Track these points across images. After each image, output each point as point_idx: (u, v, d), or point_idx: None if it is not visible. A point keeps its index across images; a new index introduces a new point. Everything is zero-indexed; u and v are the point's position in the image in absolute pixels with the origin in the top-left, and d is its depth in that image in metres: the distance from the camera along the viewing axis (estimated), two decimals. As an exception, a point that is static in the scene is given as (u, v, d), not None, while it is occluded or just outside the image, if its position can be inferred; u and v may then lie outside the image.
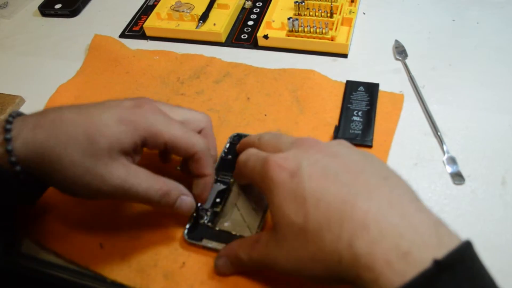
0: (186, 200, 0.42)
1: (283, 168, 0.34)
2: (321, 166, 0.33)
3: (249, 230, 0.44)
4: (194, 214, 0.45)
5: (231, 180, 0.48)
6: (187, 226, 0.44)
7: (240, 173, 0.42)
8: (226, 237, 0.43)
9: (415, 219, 0.29)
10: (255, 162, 0.38)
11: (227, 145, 0.52)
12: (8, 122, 0.37)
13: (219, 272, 0.41)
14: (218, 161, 0.50)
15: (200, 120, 0.45)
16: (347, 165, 0.34)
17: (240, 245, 0.39)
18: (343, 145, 0.37)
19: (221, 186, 0.47)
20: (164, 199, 0.40)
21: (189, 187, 0.43)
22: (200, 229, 0.44)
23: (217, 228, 0.44)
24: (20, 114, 0.39)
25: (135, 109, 0.39)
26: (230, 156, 0.51)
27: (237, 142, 0.51)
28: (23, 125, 0.37)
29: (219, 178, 0.48)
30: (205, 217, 0.45)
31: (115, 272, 0.43)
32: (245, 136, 0.51)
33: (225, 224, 0.45)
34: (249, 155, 0.40)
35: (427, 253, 0.27)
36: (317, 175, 0.33)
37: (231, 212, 0.46)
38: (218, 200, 0.46)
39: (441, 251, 0.27)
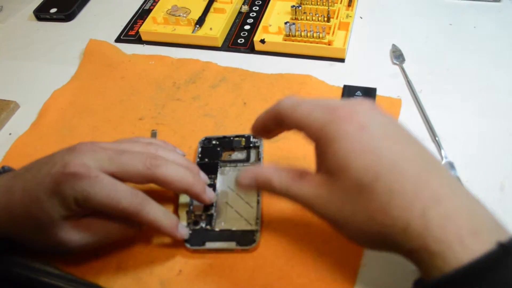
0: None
1: (352, 120, 0.32)
2: (391, 129, 0.32)
3: (249, 224, 0.44)
4: (192, 219, 0.45)
5: (213, 176, 0.49)
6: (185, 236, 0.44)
7: (278, 119, 0.37)
8: (227, 235, 0.44)
9: (476, 203, 0.30)
10: (313, 108, 0.34)
11: (200, 150, 0.52)
12: None
13: (240, 186, 0.39)
14: None
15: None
16: (410, 137, 0.33)
17: (277, 172, 0.36)
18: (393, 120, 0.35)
19: None
20: (128, 231, 0.41)
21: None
22: (200, 234, 0.44)
23: (216, 229, 0.44)
24: None
25: (62, 178, 0.37)
26: (206, 160, 0.51)
27: (208, 146, 0.52)
28: None
29: None
30: (201, 222, 0.45)
31: (111, 281, 0.42)
32: (215, 138, 0.53)
33: (223, 224, 0.45)
34: (299, 100, 0.36)
35: (493, 235, 0.28)
36: (390, 137, 0.31)
37: (225, 211, 0.46)
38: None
39: (504, 235, 0.28)
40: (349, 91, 0.57)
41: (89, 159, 0.38)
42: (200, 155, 0.52)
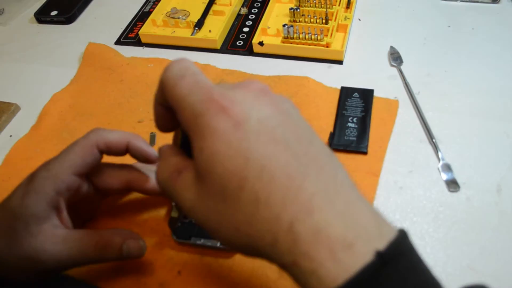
0: (133, 244, 0.40)
1: (227, 113, 0.27)
2: (272, 126, 0.27)
3: None
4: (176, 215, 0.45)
5: None
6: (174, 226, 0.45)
7: (161, 90, 0.31)
8: None
9: (357, 207, 0.26)
10: (192, 88, 0.29)
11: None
12: None
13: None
14: None
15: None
16: (298, 131, 0.28)
17: (165, 161, 0.32)
18: (291, 104, 0.31)
19: None
20: (105, 251, 0.39)
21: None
22: (187, 228, 0.45)
23: None
24: None
25: (30, 177, 0.39)
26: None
27: None
28: None
29: None
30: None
31: (111, 282, 0.43)
32: None
33: None
34: (185, 70, 0.30)
35: (370, 245, 0.25)
36: (266, 136, 0.26)
37: None
38: None
39: (382, 243, 0.25)
40: (346, 93, 0.57)
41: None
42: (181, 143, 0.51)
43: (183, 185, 0.29)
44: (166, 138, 0.55)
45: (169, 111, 0.31)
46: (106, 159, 0.42)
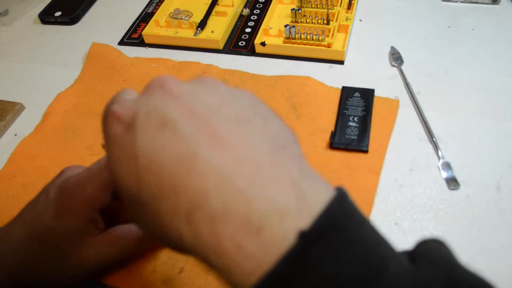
0: None
1: (119, 119, 0.25)
2: (159, 115, 0.24)
3: None
4: None
5: None
6: None
7: None
8: None
9: (270, 177, 0.22)
10: (105, 114, 0.28)
11: None
12: None
13: None
14: None
15: None
16: (193, 109, 0.24)
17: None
18: (203, 82, 0.28)
19: None
20: (143, 244, 0.42)
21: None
22: None
23: None
24: None
25: (62, 195, 0.38)
26: None
27: None
28: None
29: None
30: None
31: (114, 278, 0.43)
32: None
33: None
34: (113, 98, 0.29)
35: (286, 224, 0.20)
36: (151, 127, 0.24)
37: None
38: None
39: (305, 218, 0.21)
40: (347, 93, 0.58)
41: (77, 170, 0.40)
42: None
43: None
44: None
45: None
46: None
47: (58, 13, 0.80)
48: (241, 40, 0.70)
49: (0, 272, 0.38)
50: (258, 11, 0.76)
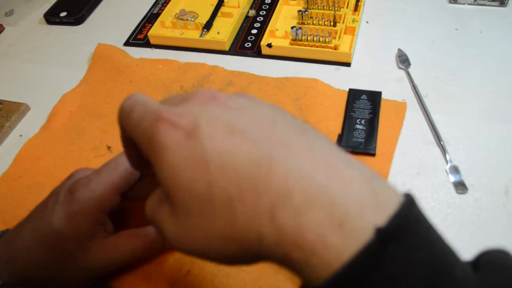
0: None
1: (176, 127, 0.26)
2: (223, 123, 0.26)
3: None
4: None
5: None
6: None
7: (121, 128, 0.31)
8: None
9: (345, 175, 0.24)
10: (142, 115, 0.28)
11: None
12: None
13: None
14: None
15: None
16: (255, 118, 0.26)
17: (150, 197, 0.30)
18: (247, 97, 0.29)
19: None
20: (151, 248, 0.43)
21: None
22: None
23: None
24: None
25: (71, 197, 0.38)
26: None
27: None
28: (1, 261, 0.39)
29: None
30: None
31: (121, 281, 0.43)
32: None
33: None
34: (134, 102, 0.29)
35: (365, 219, 0.22)
36: (219, 134, 0.25)
37: None
38: None
39: (381, 215, 0.22)
40: (354, 95, 0.58)
41: (87, 173, 0.41)
42: None
43: (162, 216, 0.28)
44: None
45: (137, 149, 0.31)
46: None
47: (63, 14, 0.80)
48: (247, 42, 0.70)
49: (10, 275, 0.38)
50: (264, 12, 0.76)
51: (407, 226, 0.22)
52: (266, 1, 0.78)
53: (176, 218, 0.26)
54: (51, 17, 0.81)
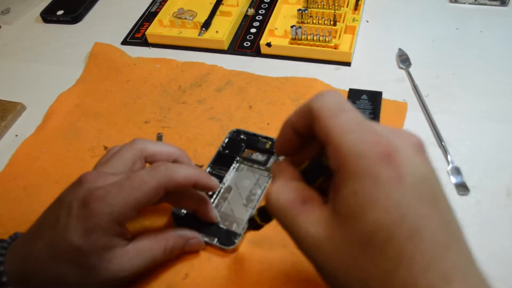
0: (193, 242, 0.43)
1: (392, 162, 0.25)
2: (429, 187, 0.26)
3: (237, 225, 0.45)
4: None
5: (225, 169, 0.50)
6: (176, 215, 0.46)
7: (309, 118, 0.29)
8: (214, 229, 0.45)
9: (484, 281, 0.26)
10: (357, 125, 0.27)
11: (226, 140, 0.53)
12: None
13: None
14: (214, 155, 0.51)
15: (171, 152, 0.44)
16: (444, 197, 0.27)
17: (281, 187, 0.30)
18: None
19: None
20: (172, 253, 0.42)
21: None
22: (188, 219, 0.46)
23: None
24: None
25: (86, 210, 0.36)
26: (227, 151, 0.52)
27: (236, 138, 0.53)
28: (14, 277, 0.38)
29: (214, 172, 0.50)
30: None
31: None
32: (245, 132, 0.53)
33: None
34: (344, 105, 0.28)
35: None
36: (424, 197, 0.25)
37: (222, 205, 0.47)
38: (210, 193, 0.47)
39: None
40: (355, 95, 0.57)
41: (101, 183, 0.38)
42: (224, 145, 0.52)
43: (309, 218, 0.28)
44: (172, 138, 0.55)
45: (299, 137, 0.30)
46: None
47: (60, 12, 0.80)
48: (246, 41, 0.70)
49: None
50: (264, 11, 0.75)
51: None
52: (265, 0, 0.77)
53: (331, 234, 0.27)
54: (48, 15, 0.80)
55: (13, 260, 0.38)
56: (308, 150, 0.32)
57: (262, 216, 0.35)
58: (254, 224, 0.36)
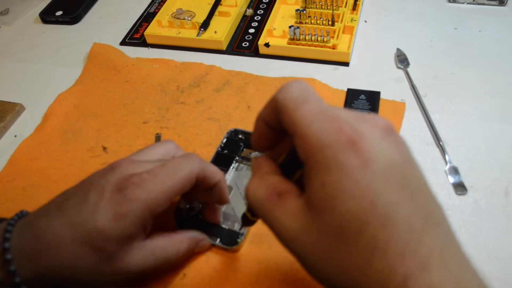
0: (202, 244, 0.43)
1: (357, 149, 0.25)
2: (399, 171, 0.25)
3: (239, 225, 0.45)
4: (187, 206, 0.47)
5: (225, 169, 0.50)
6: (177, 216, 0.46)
7: (275, 111, 0.28)
8: (215, 230, 0.45)
9: (468, 270, 0.26)
10: (319, 114, 0.26)
11: (224, 140, 0.53)
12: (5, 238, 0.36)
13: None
14: (214, 155, 0.52)
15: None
16: (419, 180, 0.26)
17: (256, 182, 0.30)
18: (408, 146, 0.28)
19: None
20: (184, 256, 0.42)
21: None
22: (190, 220, 0.46)
23: (207, 220, 0.46)
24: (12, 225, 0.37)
25: (120, 195, 0.36)
26: (226, 151, 0.52)
27: (234, 137, 0.53)
28: (21, 254, 0.36)
29: None
30: (196, 209, 0.46)
31: (116, 284, 0.43)
32: (243, 132, 0.53)
33: None
34: (307, 95, 0.27)
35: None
36: (393, 182, 0.25)
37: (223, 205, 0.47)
38: None
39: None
40: (353, 95, 0.57)
41: (136, 170, 0.38)
42: (222, 145, 0.53)
43: (285, 211, 0.27)
44: (170, 138, 0.55)
45: (272, 130, 0.30)
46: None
47: (59, 13, 0.80)
48: (245, 41, 0.70)
49: (34, 272, 0.35)
50: (262, 11, 0.75)
51: None
52: (263, 0, 0.77)
53: (306, 226, 0.26)
54: (47, 16, 0.80)
55: (21, 237, 0.36)
56: (285, 143, 0.31)
57: (252, 212, 0.35)
58: (246, 220, 0.36)
